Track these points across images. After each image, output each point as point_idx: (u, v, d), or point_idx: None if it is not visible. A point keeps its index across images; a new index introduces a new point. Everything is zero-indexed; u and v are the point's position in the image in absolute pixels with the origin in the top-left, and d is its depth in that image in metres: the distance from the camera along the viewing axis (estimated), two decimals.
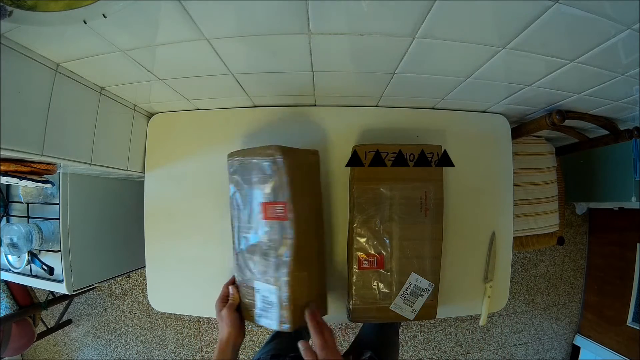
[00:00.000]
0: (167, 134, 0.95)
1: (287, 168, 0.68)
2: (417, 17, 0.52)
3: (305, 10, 0.51)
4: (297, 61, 0.68)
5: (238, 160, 0.75)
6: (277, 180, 0.68)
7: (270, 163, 0.69)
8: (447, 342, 1.88)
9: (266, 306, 0.70)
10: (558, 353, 1.94)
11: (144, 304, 1.94)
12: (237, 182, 0.75)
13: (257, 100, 0.89)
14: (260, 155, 0.70)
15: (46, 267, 1.01)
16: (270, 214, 0.69)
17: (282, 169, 0.68)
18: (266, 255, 0.70)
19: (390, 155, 0.80)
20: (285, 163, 0.68)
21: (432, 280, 0.79)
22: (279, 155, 0.68)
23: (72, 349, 2.01)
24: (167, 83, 0.77)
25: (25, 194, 1.03)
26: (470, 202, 0.92)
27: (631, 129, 0.98)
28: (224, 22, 0.55)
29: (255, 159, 0.71)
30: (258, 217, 0.71)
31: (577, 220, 1.93)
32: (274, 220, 0.69)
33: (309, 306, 0.67)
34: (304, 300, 0.70)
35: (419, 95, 0.87)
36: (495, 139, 0.95)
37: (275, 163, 0.68)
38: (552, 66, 0.68)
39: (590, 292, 1.91)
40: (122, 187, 1.24)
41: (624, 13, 0.51)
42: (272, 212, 0.69)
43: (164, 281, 0.94)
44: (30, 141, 0.61)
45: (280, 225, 0.68)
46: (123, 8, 0.49)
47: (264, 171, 0.70)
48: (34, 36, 0.56)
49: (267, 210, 0.69)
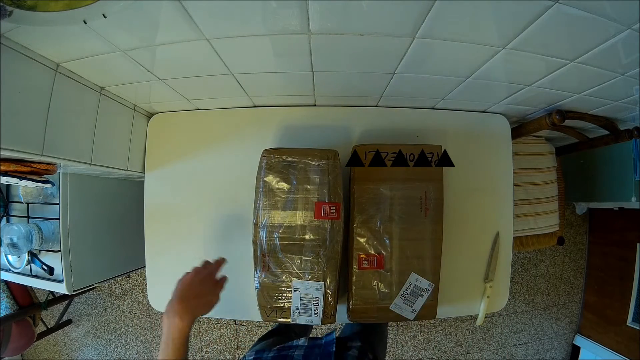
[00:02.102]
0: (167, 134, 0.95)
1: (340, 171, 0.74)
2: (417, 17, 0.52)
3: (305, 10, 0.51)
4: (297, 61, 0.68)
5: (282, 158, 0.76)
6: (332, 182, 0.74)
7: (328, 165, 0.75)
8: (447, 342, 1.88)
9: (308, 303, 0.75)
10: (558, 353, 1.94)
11: (144, 304, 1.94)
12: (277, 180, 0.76)
13: (257, 100, 0.89)
14: (317, 156, 0.75)
15: (46, 267, 1.01)
16: (324, 213, 0.74)
17: (339, 171, 0.75)
18: (312, 253, 0.74)
19: (390, 155, 0.80)
20: (337, 165, 0.75)
21: (432, 280, 0.79)
22: (337, 159, 0.76)
23: (72, 349, 2.01)
24: (167, 83, 0.77)
25: (25, 194, 1.03)
26: (470, 202, 0.92)
27: (631, 129, 0.98)
28: (224, 22, 0.55)
29: (311, 160, 0.75)
30: (306, 215, 0.74)
31: (577, 220, 1.93)
32: (326, 219, 0.74)
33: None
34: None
35: (419, 95, 0.87)
36: (495, 139, 0.95)
37: (334, 166, 0.75)
38: (552, 66, 0.68)
39: (590, 292, 1.91)
40: (122, 187, 1.24)
41: (624, 13, 0.51)
42: (326, 212, 0.74)
43: (164, 281, 0.93)
44: (30, 141, 0.61)
45: (331, 225, 0.74)
46: (123, 8, 0.49)
47: (320, 172, 0.74)
48: (34, 36, 0.56)
49: (322, 210, 0.74)
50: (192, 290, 0.64)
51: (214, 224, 0.90)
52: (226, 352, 1.87)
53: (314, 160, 0.75)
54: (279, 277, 0.75)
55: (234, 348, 1.87)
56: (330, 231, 0.74)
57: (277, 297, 0.76)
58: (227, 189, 0.91)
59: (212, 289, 0.66)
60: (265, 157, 0.76)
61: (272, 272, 0.75)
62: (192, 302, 0.62)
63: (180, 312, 0.60)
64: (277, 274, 0.75)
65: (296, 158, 0.75)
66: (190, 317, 0.61)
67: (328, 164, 0.75)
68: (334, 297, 0.76)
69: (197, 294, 0.64)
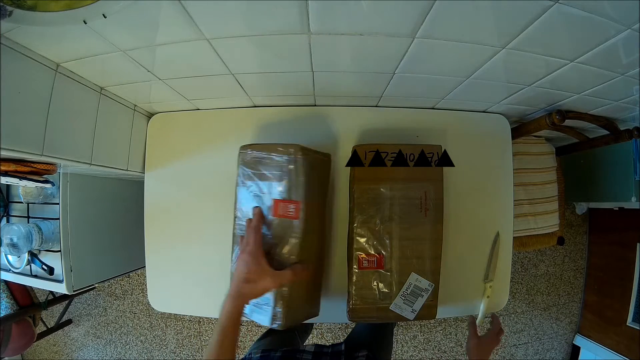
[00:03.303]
0: (167, 134, 0.95)
1: (305, 168, 0.69)
2: (417, 17, 0.52)
3: (305, 10, 0.51)
4: (297, 61, 0.68)
5: (254, 153, 0.74)
6: (294, 179, 0.68)
7: (288, 161, 0.69)
8: (447, 342, 1.88)
9: (261, 302, 0.70)
10: (558, 353, 1.94)
11: (144, 304, 1.94)
12: (249, 175, 0.74)
13: (257, 100, 0.89)
14: (279, 152, 0.70)
15: (46, 267, 1.01)
16: (281, 211, 0.69)
17: (301, 168, 0.68)
18: (268, 252, 0.69)
19: (390, 155, 0.80)
20: (304, 163, 0.69)
21: (432, 280, 0.79)
22: (300, 154, 0.69)
23: (72, 349, 2.01)
24: (167, 83, 0.77)
25: (25, 194, 1.03)
26: (470, 202, 0.92)
27: (631, 129, 0.98)
28: (224, 22, 0.55)
29: (274, 155, 0.71)
30: (267, 212, 0.70)
31: (577, 220, 1.93)
32: (284, 218, 0.69)
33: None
34: (300, 301, 0.71)
35: (419, 95, 0.87)
36: (495, 139, 0.95)
37: (295, 162, 0.69)
38: (552, 66, 0.68)
39: (590, 292, 1.91)
40: (122, 187, 1.24)
41: (624, 13, 0.51)
42: (283, 210, 0.69)
43: (164, 281, 0.94)
44: (30, 141, 0.61)
45: (288, 224, 0.68)
46: (123, 8, 0.49)
47: (281, 168, 0.70)
48: (34, 36, 0.56)
49: (279, 207, 0.69)
50: (238, 273, 0.62)
51: (214, 224, 0.90)
52: None
53: (277, 156, 0.70)
54: None
55: None
56: (287, 231, 0.68)
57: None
58: (227, 188, 0.91)
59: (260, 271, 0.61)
60: (241, 153, 0.76)
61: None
62: (239, 285, 0.60)
63: (231, 297, 0.59)
64: None
65: (264, 154, 0.72)
66: (238, 302, 0.59)
67: (289, 160, 0.69)
68: (287, 303, 0.68)
69: (247, 278, 0.61)
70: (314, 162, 0.73)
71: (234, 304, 0.59)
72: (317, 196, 0.75)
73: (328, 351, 0.78)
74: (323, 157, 0.80)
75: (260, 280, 0.61)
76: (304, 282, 0.71)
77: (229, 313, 0.58)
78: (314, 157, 0.74)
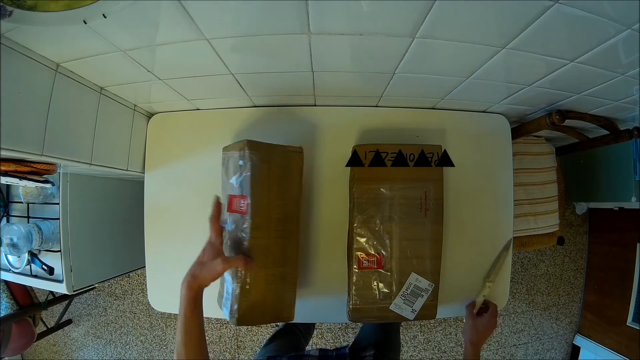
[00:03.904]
0: (167, 134, 0.95)
1: (253, 162, 0.69)
2: (417, 17, 0.52)
3: (305, 10, 0.51)
4: (297, 61, 0.68)
5: (224, 154, 0.78)
6: (243, 174, 0.69)
7: (240, 157, 0.70)
8: (447, 342, 1.88)
9: (227, 296, 0.71)
10: (558, 353, 1.94)
11: (144, 304, 1.94)
12: (223, 173, 0.77)
13: (257, 100, 0.89)
14: (234, 149, 0.72)
15: (46, 267, 1.01)
16: (234, 206, 0.70)
17: (248, 163, 0.69)
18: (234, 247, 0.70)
19: (390, 155, 0.80)
20: (252, 157, 0.69)
21: (432, 280, 0.79)
22: (246, 149, 0.69)
23: (72, 349, 2.01)
24: (167, 83, 0.77)
25: (25, 194, 1.03)
26: (470, 202, 0.92)
27: (631, 129, 0.98)
28: (224, 22, 0.55)
29: (231, 152, 0.73)
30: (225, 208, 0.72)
31: (577, 220, 1.93)
32: (236, 213, 0.70)
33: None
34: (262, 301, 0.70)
35: (419, 95, 0.87)
36: (495, 139, 0.95)
37: (243, 157, 0.69)
38: (552, 66, 0.68)
39: (590, 292, 1.91)
40: (122, 187, 1.24)
41: (624, 13, 0.51)
42: (236, 205, 0.70)
43: (164, 281, 0.94)
44: (30, 141, 0.61)
45: (242, 219, 0.69)
46: (123, 8, 0.49)
47: (236, 164, 0.71)
48: (34, 36, 0.56)
49: (232, 203, 0.70)
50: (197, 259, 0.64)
51: None
52: (226, 352, 1.87)
53: (234, 152, 0.72)
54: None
55: (234, 348, 1.87)
56: (240, 226, 0.69)
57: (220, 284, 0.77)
58: None
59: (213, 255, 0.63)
60: (223, 153, 0.79)
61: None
62: (193, 269, 0.62)
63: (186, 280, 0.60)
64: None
65: (230, 152, 0.75)
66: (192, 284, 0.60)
67: (240, 155, 0.70)
68: (244, 300, 0.68)
69: (200, 260, 0.63)
70: (270, 156, 0.72)
71: (189, 286, 0.59)
72: (275, 192, 0.73)
73: (332, 354, 0.79)
74: (289, 151, 0.77)
75: (211, 263, 0.62)
76: (262, 281, 0.70)
77: (186, 297, 0.59)
78: (268, 151, 0.72)
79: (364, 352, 0.78)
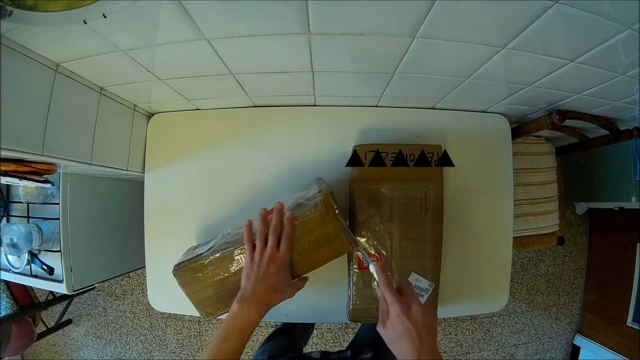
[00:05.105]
0: (167, 134, 0.95)
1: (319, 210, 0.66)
2: (417, 17, 0.52)
3: (305, 10, 0.51)
4: (297, 61, 0.68)
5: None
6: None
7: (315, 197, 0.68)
8: (447, 342, 1.88)
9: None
10: (558, 353, 1.94)
11: (144, 304, 1.94)
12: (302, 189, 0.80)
13: (257, 100, 0.89)
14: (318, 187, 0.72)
15: (46, 267, 1.01)
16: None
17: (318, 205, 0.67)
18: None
19: (390, 155, 0.80)
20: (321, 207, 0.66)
21: (432, 280, 0.79)
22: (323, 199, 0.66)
23: (72, 349, 2.01)
24: (167, 83, 0.77)
25: (25, 194, 1.03)
26: (470, 202, 0.92)
27: (631, 129, 0.98)
28: (224, 22, 0.54)
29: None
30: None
31: (577, 220, 1.93)
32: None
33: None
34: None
35: (419, 95, 0.87)
36: (495, 139, 0.95)
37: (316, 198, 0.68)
38: (552, 66, 0.68)
39: (590, 292, 1.91)
40: (122, 187, 1.24)
41: (624, 13, 0.51)
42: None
43: (164, 281, 0.93)
44: (30, 141, 0.61)
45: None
46: (123, 8, 0.49)
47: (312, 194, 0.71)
48: (34, 36, 0.56)
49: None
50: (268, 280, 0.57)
51: (214, 224, 0.90)
52: None
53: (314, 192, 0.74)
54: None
55: None
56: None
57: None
58: (227, 188, 0.91)
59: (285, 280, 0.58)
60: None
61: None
62: (271, 295, 0.56)
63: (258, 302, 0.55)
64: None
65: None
66: (265, 311, 0.56)
67: (316, 195, 0.70)
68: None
69: (276, 287, 0.57)
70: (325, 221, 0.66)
71: (259, 309, 0.55)
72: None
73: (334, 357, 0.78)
74: (341, 236, 0.68)
75: (285, 291, 0.58)
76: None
77: (249, 317, 0.54)
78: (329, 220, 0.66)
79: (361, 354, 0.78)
